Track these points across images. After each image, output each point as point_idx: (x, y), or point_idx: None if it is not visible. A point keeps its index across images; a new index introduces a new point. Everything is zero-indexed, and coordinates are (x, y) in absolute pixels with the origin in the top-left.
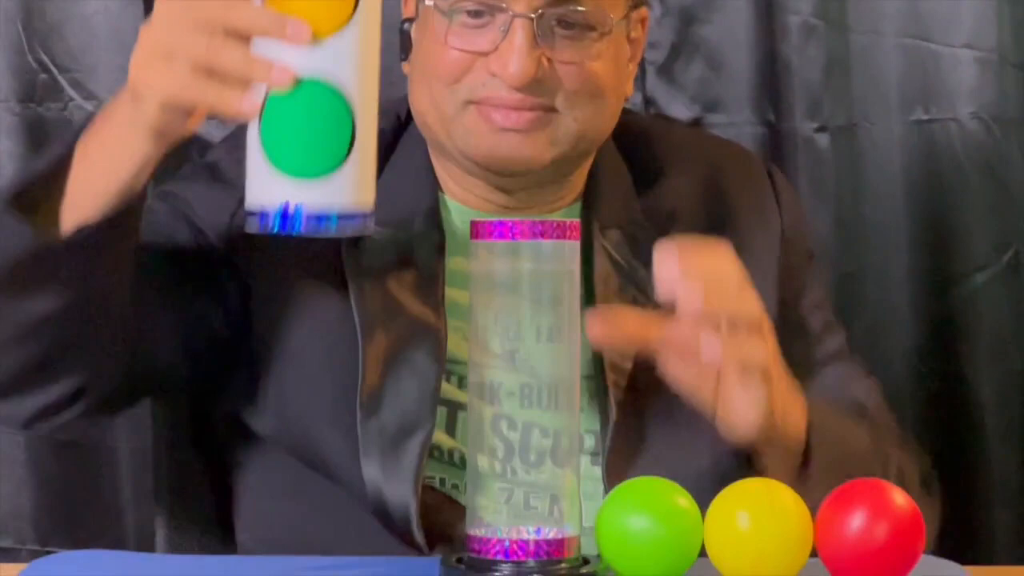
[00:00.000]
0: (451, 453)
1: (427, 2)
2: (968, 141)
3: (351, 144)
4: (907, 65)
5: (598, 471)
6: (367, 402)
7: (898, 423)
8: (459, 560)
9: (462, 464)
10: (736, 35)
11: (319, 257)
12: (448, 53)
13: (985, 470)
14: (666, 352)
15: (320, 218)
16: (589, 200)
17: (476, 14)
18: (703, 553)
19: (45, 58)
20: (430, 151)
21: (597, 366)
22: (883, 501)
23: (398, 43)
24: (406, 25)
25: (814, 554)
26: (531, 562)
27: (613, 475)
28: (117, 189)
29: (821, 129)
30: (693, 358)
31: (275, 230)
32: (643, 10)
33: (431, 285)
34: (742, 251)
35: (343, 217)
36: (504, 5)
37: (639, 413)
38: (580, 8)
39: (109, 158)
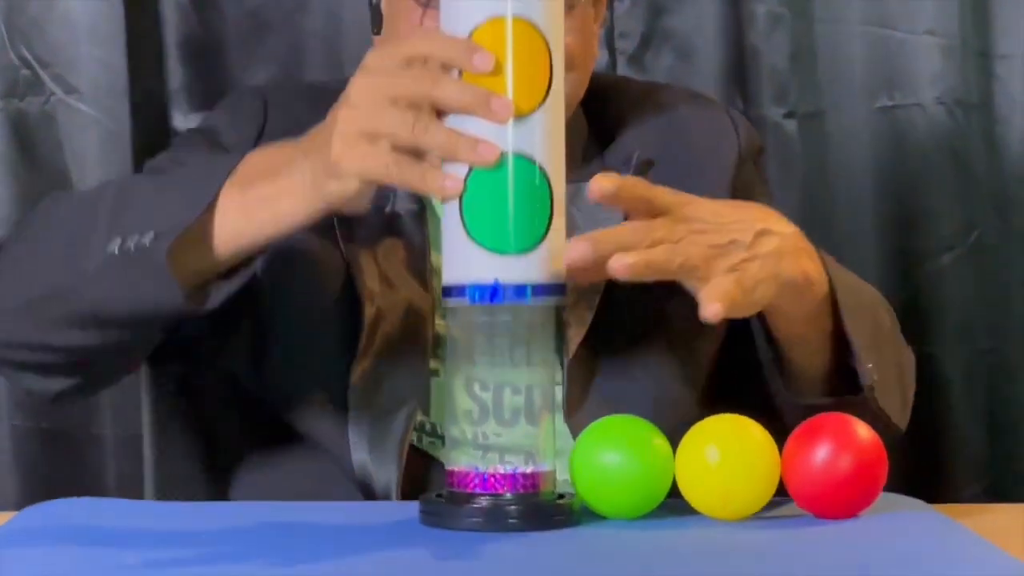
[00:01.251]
0: (433, 425)
1: None
2: (932, 126)
3: (550, 219)
4: (871, 52)
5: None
6: (360, 382)
7: None
8: (439, 495)
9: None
10: (704, 25)
11: (322, 228)
12: None
13: (953, 447)
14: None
15: (520, 290)
16: None
17: None
18: (676, 492)
19: (27, 53)
20: None
21: (559, 319)
22: (847, 434)
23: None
24: None
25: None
26: (508, 494)
27: (572, 408)
28: (265, 243)
29: (789, 115)
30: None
31: (476, 303)
32: None
33: (419, 260)
34: (694, 170)
35: (541, 289)
36: None
37: (594, 353)
38: None
39: (272, 214)
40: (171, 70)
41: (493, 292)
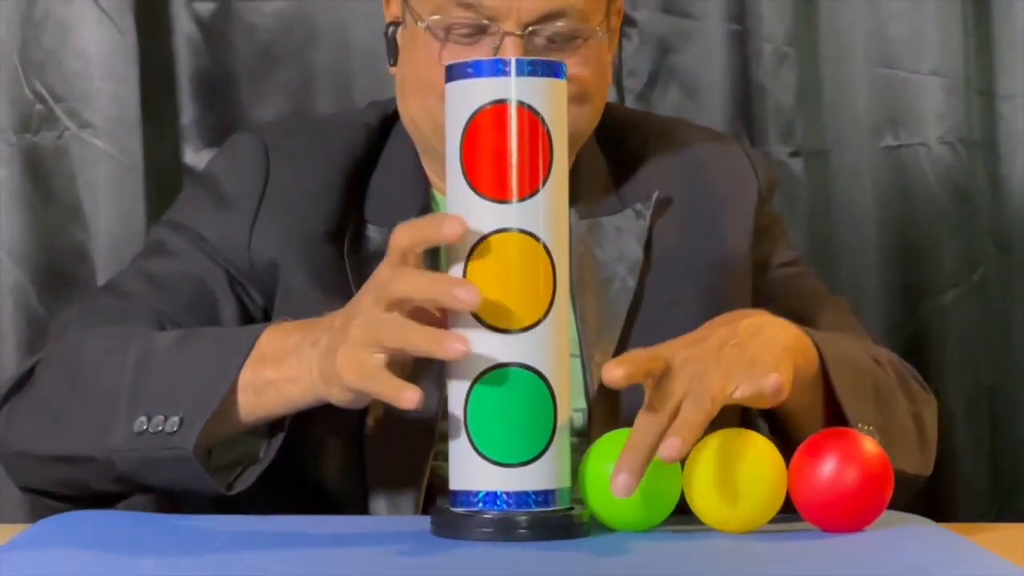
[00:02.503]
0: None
1: (420, 25)
2: (936, 164)
3: (554, 428)
4: (876, 92)
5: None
6: (374, 430)
7: None
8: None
9: None
10: (711, 63)
11: (333, 270)
12: (442, 70)
13: (956, 480)
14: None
15: (521, 499)
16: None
17: (468, 34)
18: (685, 508)
19: (41, 88)
20: (419, 152)
21: (580, 346)
22: (853, 448)
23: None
24: (391, 29)
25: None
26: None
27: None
28: (276, 417)
29: (794, 154)
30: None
31: (477, 509)
32: (619, 2)
33: None
34: (728, 220)
35: (543, 497)
36: (495, 26)
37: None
38: (566, 23)
39: (279, 397)
40: (183, 105)
41: (487, 498)
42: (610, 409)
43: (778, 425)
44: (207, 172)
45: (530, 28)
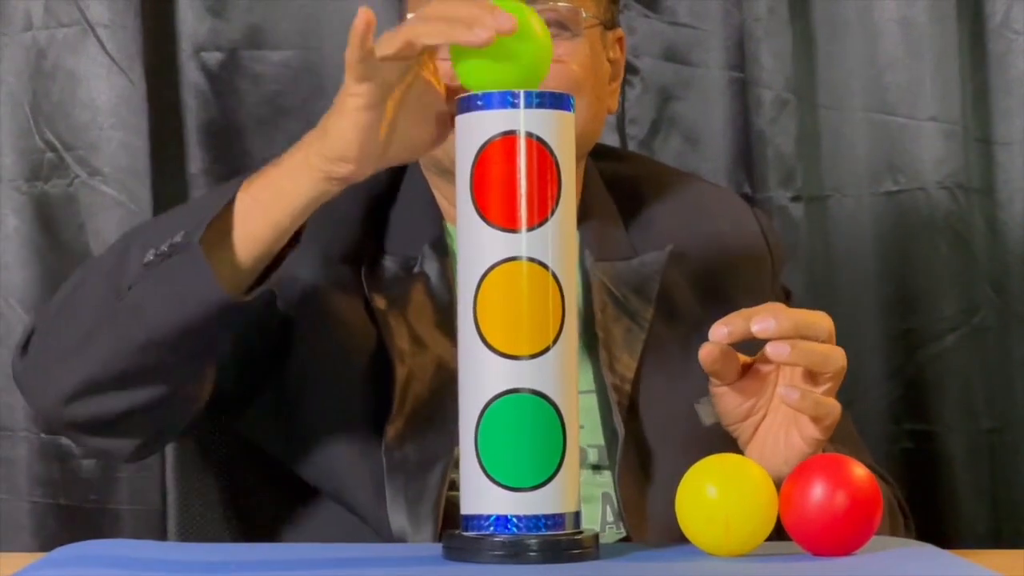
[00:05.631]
0: None
1: (410, 16)
2: (935, 210)
3: (563, 455)
4: (875, 138)
5: (599, 479)
6: (395, 443)
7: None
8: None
9: None
10: (712, 110)
11: (351, 291)
12: (440, 65)
13: (956, 526)
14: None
15: (532, 523)
16: (581, 234)
17: None
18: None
19: (51, 137)
20: (430, 180)
21: (599, 383)
22: (842, 472)
23: None
24: None
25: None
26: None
27: (626, 487)
28: (274, 228)
29: (795, 199)
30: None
31: (488, 532)
32: (619, 31)
33: (448, 316)
34: (740, 290)
35: (553, 520)
36: None
37: (640, 428)
38: (552, 6)
39: (274, 194)
40: (191, 154)
41: (497, 521)
42: (635, 446)
43: None
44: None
45: None
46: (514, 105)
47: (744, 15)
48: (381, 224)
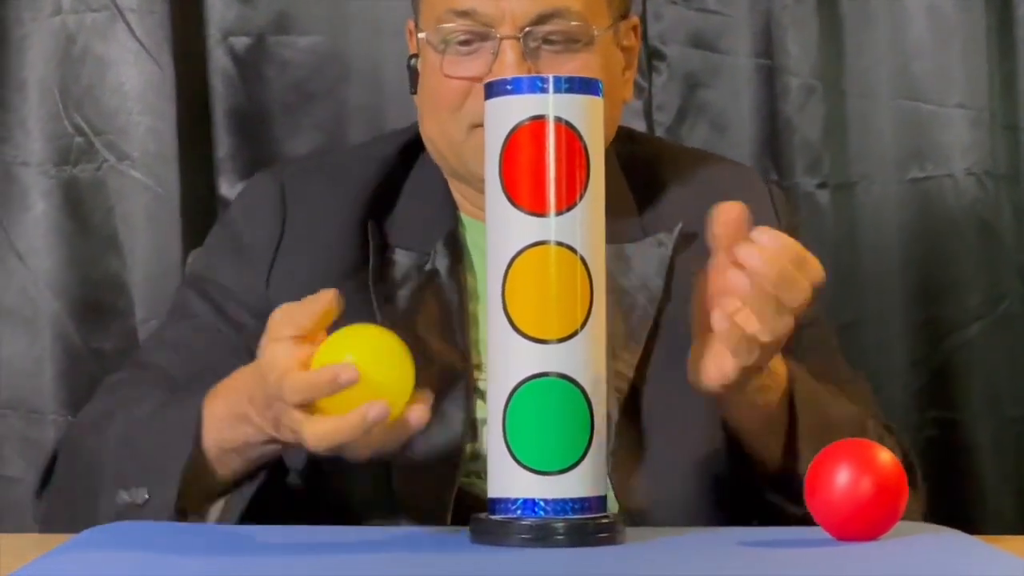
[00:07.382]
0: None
1: (420, 35)
2: (962, 197)
3: (590, 438)
4: (902, 125)
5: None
6: (400, 453)
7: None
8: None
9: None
10: (739, 97)
11: (352, 305)
12: (447, 83)
13: (982, 515)
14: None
15: (559, 506)
16: None
17: (466, 43)
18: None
19: (80, 121)
20: (447, 176)
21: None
22: (867, 457)
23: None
24: (412, 61)
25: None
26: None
27: (619, 472)
28: (251, 466)
29: (822, 186)
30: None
31: (515, 516)
32: (633, 19)
33: (457, 314)
34: None
35: (581, 504)
36: (491, 31)
37: (638, 414)
38: (562, 24)
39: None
40: (219, 139)
41: (524, 505)
42: (629, 432)
43: (737, 447)
44: (228, 216)
45: (526, 30)
46: (543, 90)
47: (771, 2)
48: (384, 220)
